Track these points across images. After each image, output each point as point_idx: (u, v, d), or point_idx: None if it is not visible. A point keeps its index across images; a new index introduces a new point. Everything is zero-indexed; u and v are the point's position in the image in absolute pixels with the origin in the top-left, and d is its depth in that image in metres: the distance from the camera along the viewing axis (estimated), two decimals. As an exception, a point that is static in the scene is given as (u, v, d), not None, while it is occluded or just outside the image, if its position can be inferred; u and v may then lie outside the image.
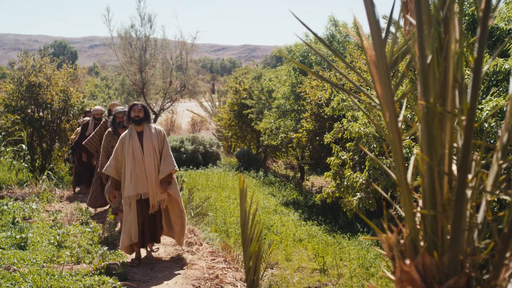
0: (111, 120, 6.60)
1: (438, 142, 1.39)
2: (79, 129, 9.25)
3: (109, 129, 6.92)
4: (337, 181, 7.65)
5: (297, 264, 6.38)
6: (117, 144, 5.72)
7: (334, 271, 6.09)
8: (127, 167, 5.55)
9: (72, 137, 9.46)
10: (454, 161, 1.41)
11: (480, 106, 5.23)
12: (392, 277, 1.51)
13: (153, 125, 5.78)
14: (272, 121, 13.01)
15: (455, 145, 1.41)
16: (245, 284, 2.41)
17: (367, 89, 7.45)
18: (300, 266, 6.33)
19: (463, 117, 1.35)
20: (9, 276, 4.80)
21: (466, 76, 4.74)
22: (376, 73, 1.44)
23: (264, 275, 5.90)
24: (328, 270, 6.13)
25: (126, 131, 5.72)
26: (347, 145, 7.64)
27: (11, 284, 4.58)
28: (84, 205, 8.56)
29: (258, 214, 8.59)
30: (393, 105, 1.43)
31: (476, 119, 4.54)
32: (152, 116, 16.14)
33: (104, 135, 7.07)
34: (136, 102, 5.79)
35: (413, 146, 6.35)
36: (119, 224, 6.97)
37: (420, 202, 1.48)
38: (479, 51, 1.31)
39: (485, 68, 1.39)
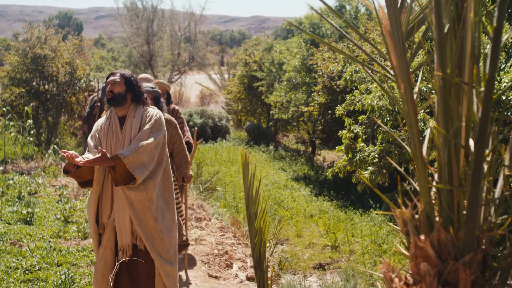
0: None
1: (455, 114, 1.36)
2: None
3: None
4: (349, 155, 7.46)
5: (308, 240, 6.27)
6: (91, 133, 3.43)
7: (345, 247, 5.98)
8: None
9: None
10: (471, 134, 1.39)
11: (498, 78, 5.00)
12: (406, 253, 1.50)
13: (151, 110, 3.39)
14: (283, 94, 12.76)
15: (472, 118, 1.38)
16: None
17: (381, 61, 7.19)
18: (311, 242, 6.22)
19: (482, 89, 1.30)
20: (16, 251, 4.79)
21: (486, 47, 4.50)
22: (391, 43, 1.40)
23: (274, 251, 5.80)
24: (339, 246, 6.02)
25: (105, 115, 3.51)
26: (359, 118, 7.42)
27: (18, 260, 4.55)
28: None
29: (268, 189, 8.47)
30: (408, 76, 1.39)
31: (494, 91, 4.33)
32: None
33: None
34: (116, 70, 3.44)
35: (428, 120, 6.12)
36: None
37: (436, 176, 1.46)
38: (498, 20, 1.24)
39: (504, 37, 1.34)
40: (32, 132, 9.93)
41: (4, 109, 9.93)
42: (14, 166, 8.95)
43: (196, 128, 4.31)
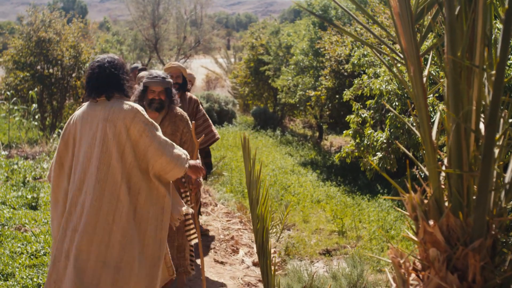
0: (140, 92, 3.67)
1: (465, 98, 1.34)
2: None
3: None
4: (357, 140, 7.37)
5: (315, 226, 6.21)
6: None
7: (353, 233, 5.92)
8: None
9: None
10: (482, 119, 1.37)
11: (509, 62, 4.86)
12: (414, 238, 1.49)
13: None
14: (290, 78, 12.61)
15: (482, 101, 1.37)
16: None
17: (390, 44, 7.04)
18: (318, 228, 6.16)
19: (492, 72, 1.27)
20: (21, 236, 4.77)
21: (496, 30, 4.36)
22: (400, 26, 1.38)
23: (281, 236, 5.75)
24: (346, 232, 5.96)
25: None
26: (367, 102, 7.31)
27: (22, 245, 4.53)
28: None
29: (275, 174, 8.40)
30: (418, 59, 1.37)
31: (505, 75, 4.21)
32: None
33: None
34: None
35: (438, 104, 5.99)
36: None
37: (445, 161, 1.44)
38: (510, 1, 1.20)
39: (516, 20, 1.29)
40: (36, 116, 9.88)
41: (8, 93, 9.88)
42: (19, 151, 8.92)
43: (193, 122, 3.68)
